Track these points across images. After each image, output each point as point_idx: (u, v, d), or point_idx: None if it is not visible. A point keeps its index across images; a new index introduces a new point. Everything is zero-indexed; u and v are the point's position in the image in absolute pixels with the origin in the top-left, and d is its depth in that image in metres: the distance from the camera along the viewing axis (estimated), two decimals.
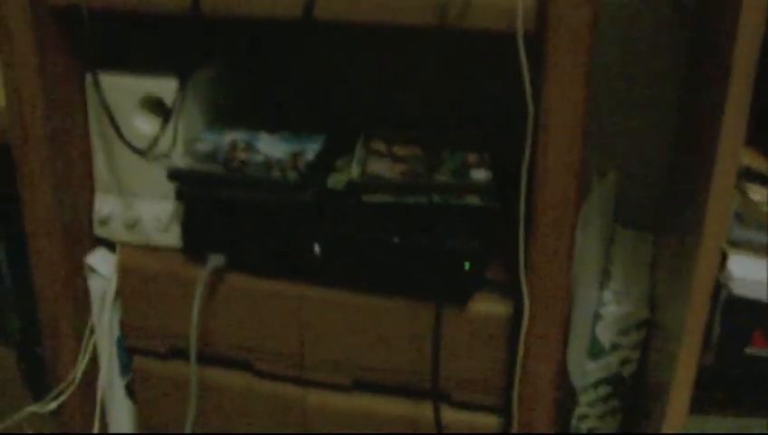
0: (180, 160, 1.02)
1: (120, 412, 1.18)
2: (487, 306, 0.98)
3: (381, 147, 1.06)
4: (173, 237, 1.07)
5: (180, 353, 1.09)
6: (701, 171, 0.79)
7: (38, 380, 1.22)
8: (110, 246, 1.12)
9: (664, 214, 1.08)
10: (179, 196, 1.01)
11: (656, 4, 1.17)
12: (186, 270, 1.05)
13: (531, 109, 0.86)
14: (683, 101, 1.05)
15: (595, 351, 1.02)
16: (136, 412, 1.17)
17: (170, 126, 1.02)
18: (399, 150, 1.05)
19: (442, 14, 0.85)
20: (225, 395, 1.10)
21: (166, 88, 1.01)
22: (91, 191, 1.10)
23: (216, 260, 1.03)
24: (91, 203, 1.10)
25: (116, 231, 1.09)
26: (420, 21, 0.86)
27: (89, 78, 1.04)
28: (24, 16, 0.97)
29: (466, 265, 0.95)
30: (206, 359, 1.08)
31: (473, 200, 0.97)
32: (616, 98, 1.22)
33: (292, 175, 0.97)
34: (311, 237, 0.99)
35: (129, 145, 1.01)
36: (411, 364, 1.01)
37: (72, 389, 1.13)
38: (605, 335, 1.02)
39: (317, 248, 0.99)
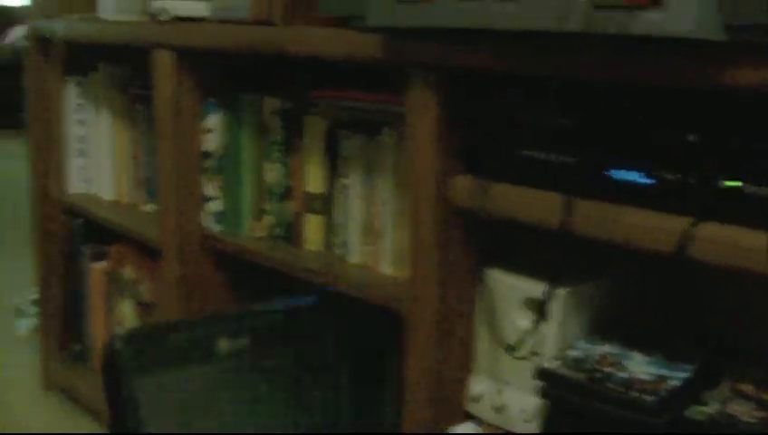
0: (551, 362, 1.10)
1: None
2: None
3: (749, 389, 1.06)
4: (534, 428, 1.15)
5: None
6: None
7: None
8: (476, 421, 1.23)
9: None
10: (543, 395, 1.10)
11: None
12: None
13: None
14: None
15: None
16: None
17: (547, 329, 1.12)
18: (767, 395, 1.04)
19: None
20: None
21: (548, 294, 1.11)
22: (469, 369, 1.22)
23: None
24: (465, 379, 1.22)
25: (484, 411, 1.20)
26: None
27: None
28: (431, 212, 1.15)
29: None
30: None
31: None
32: None
33: (648, 398, 1.01)
34: None
35: (497, 340, 1.12)
36: None
37: None
38: None
39: None
